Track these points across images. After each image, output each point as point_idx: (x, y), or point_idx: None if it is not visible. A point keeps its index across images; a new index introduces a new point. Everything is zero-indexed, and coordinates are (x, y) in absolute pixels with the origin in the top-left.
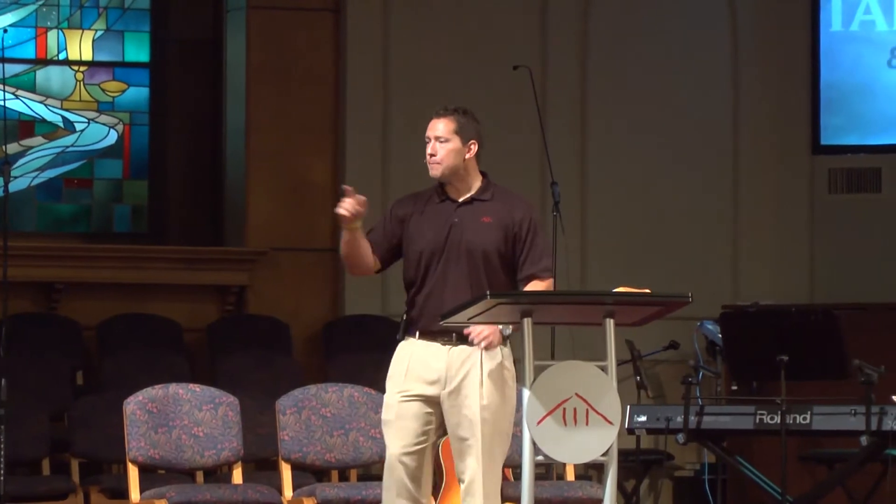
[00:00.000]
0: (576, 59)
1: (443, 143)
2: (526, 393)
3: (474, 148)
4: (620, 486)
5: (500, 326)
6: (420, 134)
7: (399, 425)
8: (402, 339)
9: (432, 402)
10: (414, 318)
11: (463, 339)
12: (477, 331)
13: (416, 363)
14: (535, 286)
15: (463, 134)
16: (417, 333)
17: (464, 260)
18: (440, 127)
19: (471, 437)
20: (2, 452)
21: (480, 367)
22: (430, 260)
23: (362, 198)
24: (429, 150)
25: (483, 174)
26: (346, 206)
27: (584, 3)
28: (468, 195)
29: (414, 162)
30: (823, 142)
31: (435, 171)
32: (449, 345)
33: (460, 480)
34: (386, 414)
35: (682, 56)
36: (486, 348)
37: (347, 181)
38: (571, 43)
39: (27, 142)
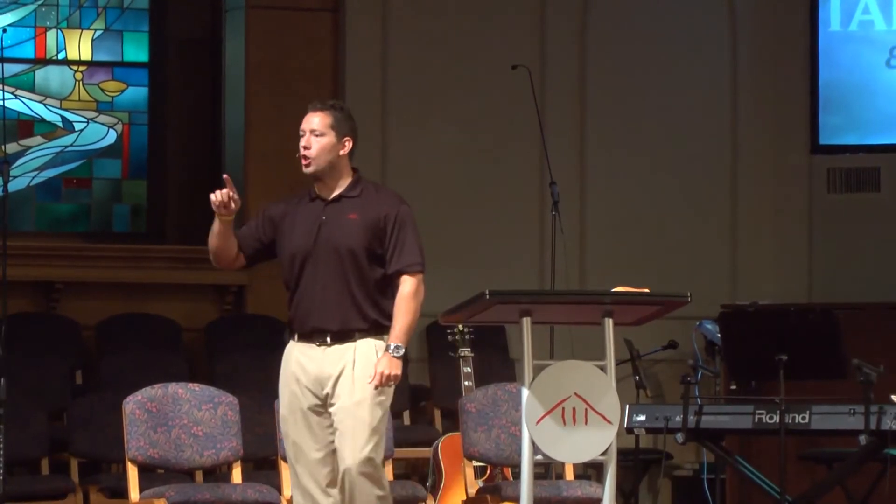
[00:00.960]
0: (575, 59)
1: (317, 137)
2: (525, 392)
3: (349, 145)
4: (619, 486)
5: (390, 353)
6: (421, 136)
7: (296, 437)
8: (287, 341)
9: (318, 405)
10: (292, 320)
11: (337, 340)
12: (377, 378)
13: (297, 367)
14: (403, 287)
15: (338, 129)
16: (296, 336)
17: (332, 259)
18: (316, 121)
19: (345, 436)
20: (1, 452)
21: (353, 366)
22: (302, 261)
23: (237, 196)
24: (303, 143)
25: (355, 170)
26: (220, 194)
27: (583, 2)
28: (336, 193)
29: (412, 161)
30: (822, 141)
31: (308, 166)
32: (324, 346)
33: (340, 475)
34: (283, 426)
35: (680, 55)
36: (388, 382)
37: None
38: (570, 42)
39: (26, 141)
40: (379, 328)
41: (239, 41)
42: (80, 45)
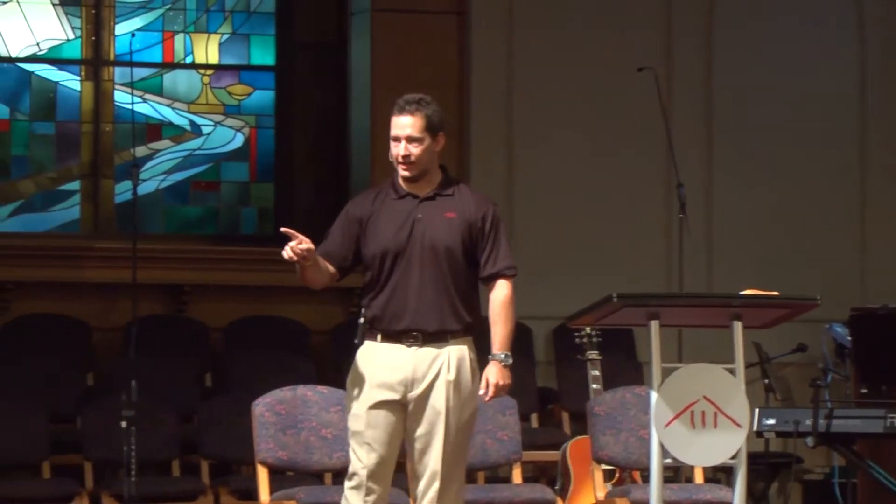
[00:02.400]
0: (701, 60)
1: (414, 143)
2: (653, 395)
3: (442, 141)
4: (749, 489)
5: (501, 365)
6: (547, 139)
7: (371, 436)
8: (361, 343)
9: (399, 407)
10: (376, 321)
11: (429, 341)
12: (492, 392)
13: (380, 369)
14: (500, 291)
15: (433, 130)
16: (380, 336)
17: (429, 257)
18: (409, 126)
19: (434, 439)
20: (133, 453)
21: (448, 369)
22: (394, 259)
23: (305, 240)
24: (400, 152)
25: (442, 168)
26: (294, 250)
27: (709, 3)
28: (430, 190)
29: (540, 166)
30: None
31: (409, 172)
32: (414, 346)
33: (418, 478)
34: (355, 425)
35: (807, 55)
36: (501, 394)
37: (472, 184)
38: (696, 44)
39: (155, 145)
40: (469, 330)
41: (364, 44)
42: (208, 49)
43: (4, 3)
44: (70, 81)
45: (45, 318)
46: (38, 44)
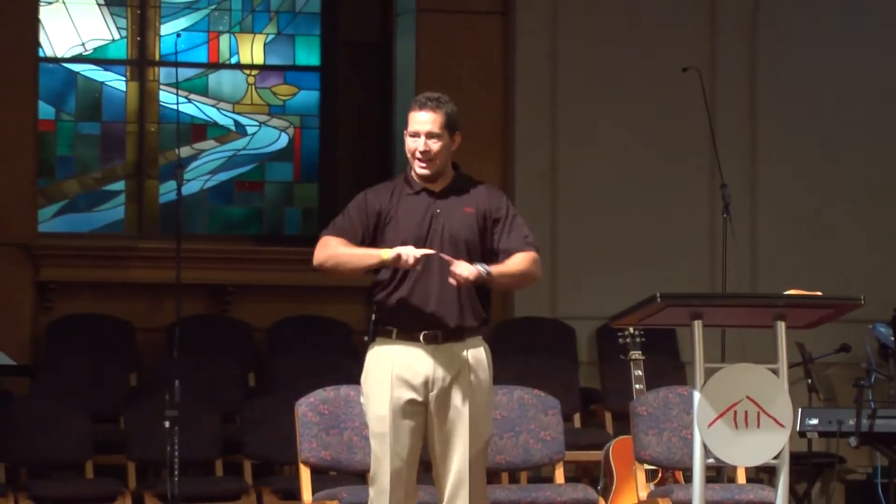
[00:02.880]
0: (745, 60)
1: (435, 140)
2: (696, 395)
3: (458, 140)
4: (792, 490)
5: (480, 267)
6: (591, 139)
7: (396, 440)
8: (374, 340)
9: (422, 407)
10: (391, 319)
11: (449, 338)
12: (460, 270)
13: (402, 367)
14: (519, 256)
15: (451, 127)
16: (395, 334)
17: (450, 253)
18: (431, 122)
19: (458, 438)
20: (176, 453)
21: (469, 368)
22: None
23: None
24: (420, 147)
25: (454, 165)
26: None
27: (753, 2)
28: (445, 185)
29: (583, 166)
30: None
31: (428, 168)
32: (433, 344)
33: (443, 479)
34: (379, 427)
35: (853, 54)
36: (462, 284)
37: (517, 186)
38: (741, 43)
39: (199, 145)
40: (484, 325)
41: (409, 44)
42: (253, 49)
43: (50, 3)
44: (115, 82)
45: (89, 318)
46: (83, 44)
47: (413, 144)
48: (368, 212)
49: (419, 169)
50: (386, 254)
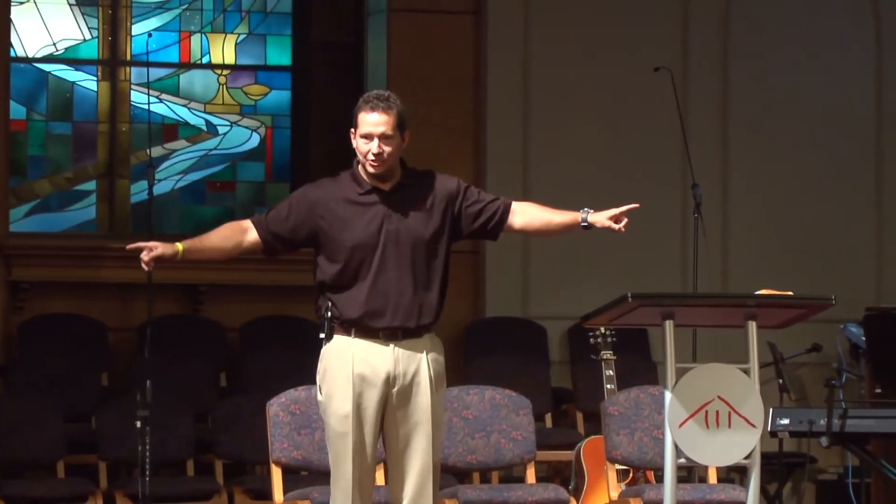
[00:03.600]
0: (717, 60)
1: (387, 141)
2: (668, 395)
3: (407, 138)
4: (763, 490)
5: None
6: (563, 139)
7: (360, 437)
8: (330, 339)
9: (383, 405)
10: (348, 317)
11: (408, 336)
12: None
13: (363, 366)
14: (522, 204)
15: (401, 127)
16: (354, 332)
17: (405, 251)
18: (382, 123)
19: (420, 434)
20: (147, 453)
21: (428, 365)
22: (363, 255)
23: (153, 246)
24: (374, 150)
25: (401, 161)
26: (146, 260)
27: (725, 2)
28: (394, 183)
29: (554, 163)
30: None
31: (380, 169)
32: (393, 342)
33: (404, 476)
34: (341, 426)
35: (824, 54)
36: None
37: (488, 183)
38: (712, 44)
39: (171, 145)
40: (437, 321)
41: (381, 44)
42: (224, 49)
43: (21, 3)
44: (86, 81)
45: (61, 318)
46: (54, 44)
47: (365, 147)
48: (306, 205)
49: (371, 168)
50: (180, 247)
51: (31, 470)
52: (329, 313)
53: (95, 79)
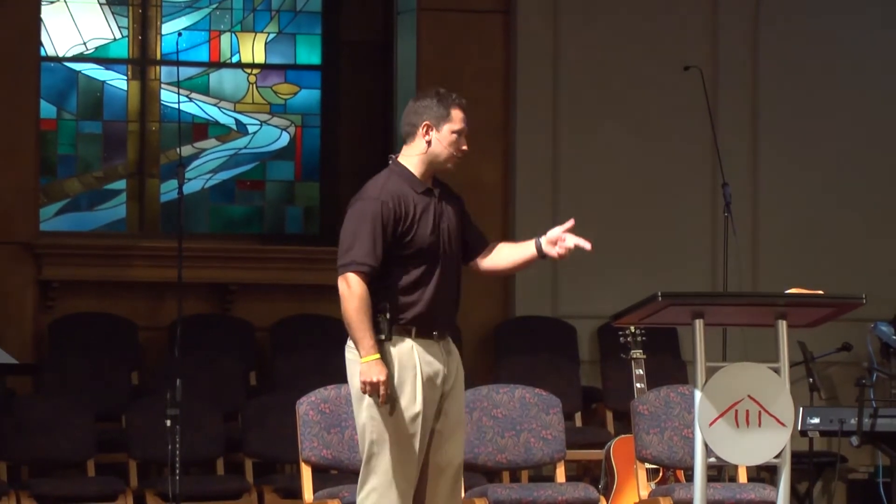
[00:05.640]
0: (747, 59)
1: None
2: (698, 394)
3: None
4: (793, 489)
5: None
6: (592, 138)
7: (424, 437)
8: (389, 338)
9: (438, 404)
10: (411, 317)
11: (450, 336)
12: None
13: (426, 366)
14: (502, 243)
15: None
16: (414, 332)
17: (451, 254)
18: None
19: (459, 433)
20: (177, 452)
21: (458, 365)
22: (428, 256)
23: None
24: (464, 147)
25: None
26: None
27: (755, 2)
28: (431, 183)
29: (584, 163)
30: None
31: (456, 165)
32: (442, 342)
33: (441, 470)
34: (411, 427)
35: (855, 54)
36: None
37: (518, 183)
38: (742, 42)
39: (201, 144)
40: None
41: (410, 43)
42: (254, 49)
43: (52, 2)
44: (117, 81)
45: (91, 317)
46: (84, 43)
47: (457, 142)
48: (384, 225)
49: (451, 166)
50: (364, 360)
51: (62, 469)
52: (388, 314)
53: (125, 78)
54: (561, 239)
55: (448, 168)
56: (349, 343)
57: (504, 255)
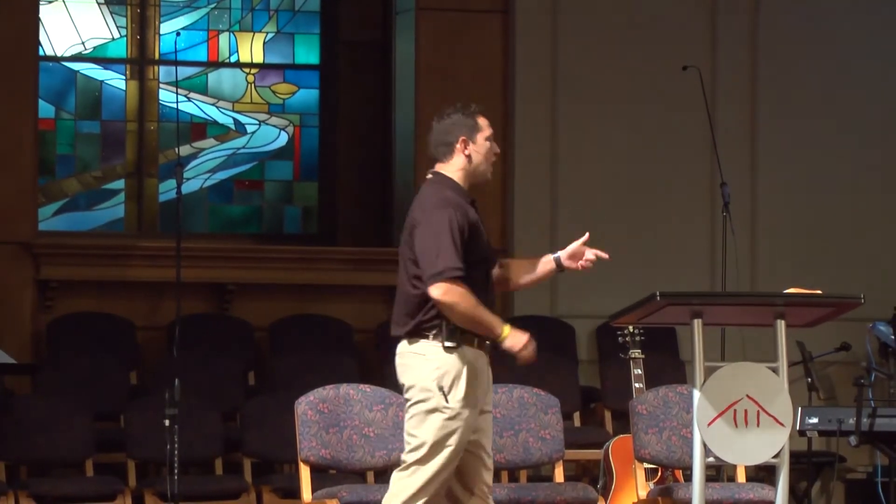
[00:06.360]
0: (746, 59)
1: None
2: (696, 394)
3: None
4: (792, 489)
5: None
6: (591, 138)
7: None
8: (460, 346)
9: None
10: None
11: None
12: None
13: (482, 375)
14: (509, 259)
15: None
16: (476, 341)
17: (492, 263)
18: None
19: (490, 434)
20: (176, 451)
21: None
22: (483, 264)
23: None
24: (497, 150)
25: None
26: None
27: (754, 1)
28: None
29: (582, 162)
30: None
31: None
32: (485, 351)
33: (487, 473)
34: (465, 434)
35: (854, 53)
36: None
37: (516, 183)
38: (741, 43)
39: (199, 144)
40: None
41: (409, 43)
42: (252, 48)
43: (50, 1)
44: (115, 80)
45: (90, 317)
46: (83, 43)
47: (493, 147)
48: (462, 233)
49: (490, 173)
50: (505, 334)
51: (60, 468)
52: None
53: (124, 78)
54: (581, 253)
55: (488, 177)
56: (408, 346)
57: (520, 271)
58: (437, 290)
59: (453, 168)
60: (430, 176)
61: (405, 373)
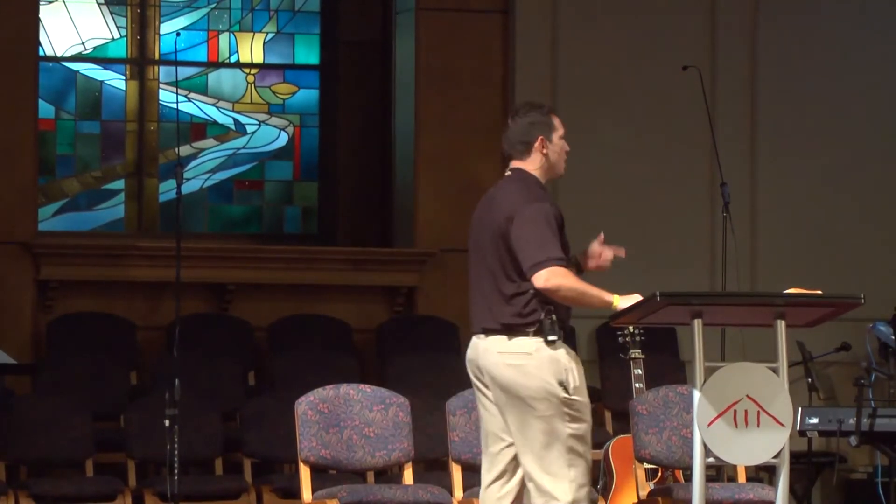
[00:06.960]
0: (745, 59)
1: None
2: (696, 394)
3: None
4: (792, 489)
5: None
6: (591, 138)
7: None
8: (559, 339)
9: None
10: (565, 323)
11: None
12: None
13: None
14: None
15: None
16: (563, 336)
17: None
18: None
19: None
20: (176, 451)
21: None
22: (566, 261)
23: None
24: (567, 147)
25: None
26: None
27: (754, 1)
28: None
29: (582, 162)
30: None
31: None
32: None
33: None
34: (585, 431)
35: (853, 53)
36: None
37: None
38: (741, 43)
39: (199, 144)
40: None
41: (409, 43)
42: (252, 48)
43: (50, 2)
44: (115, 80)
45: (90, 317)
46: (83, 43)
47: (565, 146)
48: (561, 223)
49: (563, 171)
50: (616, 301)
51: (60, 468)
52: (554, 316)
53: (124, 78)
54: (598, 252)
55: (561, 174)
56: (507, 342)
57: None
58: (541, 278)
59: (533, 166)
60: (509, 172)
61: (515, 375)
